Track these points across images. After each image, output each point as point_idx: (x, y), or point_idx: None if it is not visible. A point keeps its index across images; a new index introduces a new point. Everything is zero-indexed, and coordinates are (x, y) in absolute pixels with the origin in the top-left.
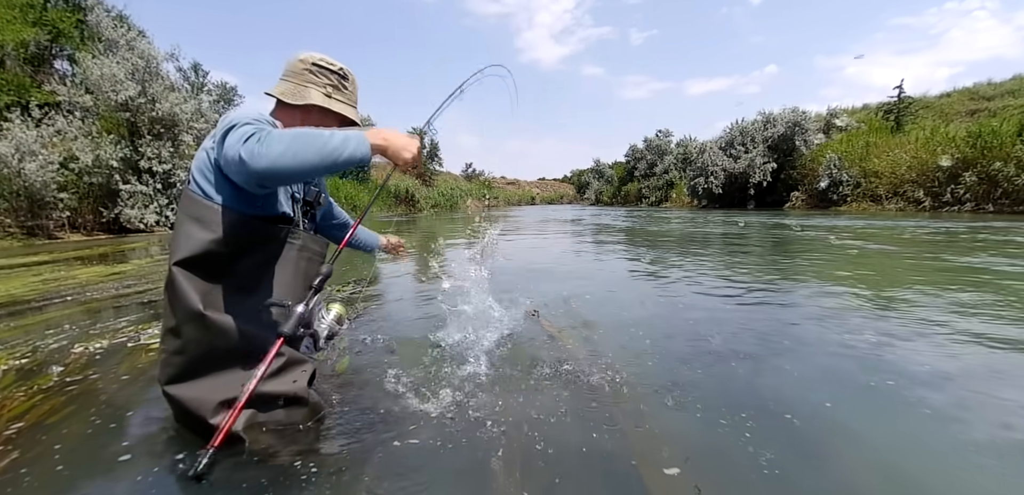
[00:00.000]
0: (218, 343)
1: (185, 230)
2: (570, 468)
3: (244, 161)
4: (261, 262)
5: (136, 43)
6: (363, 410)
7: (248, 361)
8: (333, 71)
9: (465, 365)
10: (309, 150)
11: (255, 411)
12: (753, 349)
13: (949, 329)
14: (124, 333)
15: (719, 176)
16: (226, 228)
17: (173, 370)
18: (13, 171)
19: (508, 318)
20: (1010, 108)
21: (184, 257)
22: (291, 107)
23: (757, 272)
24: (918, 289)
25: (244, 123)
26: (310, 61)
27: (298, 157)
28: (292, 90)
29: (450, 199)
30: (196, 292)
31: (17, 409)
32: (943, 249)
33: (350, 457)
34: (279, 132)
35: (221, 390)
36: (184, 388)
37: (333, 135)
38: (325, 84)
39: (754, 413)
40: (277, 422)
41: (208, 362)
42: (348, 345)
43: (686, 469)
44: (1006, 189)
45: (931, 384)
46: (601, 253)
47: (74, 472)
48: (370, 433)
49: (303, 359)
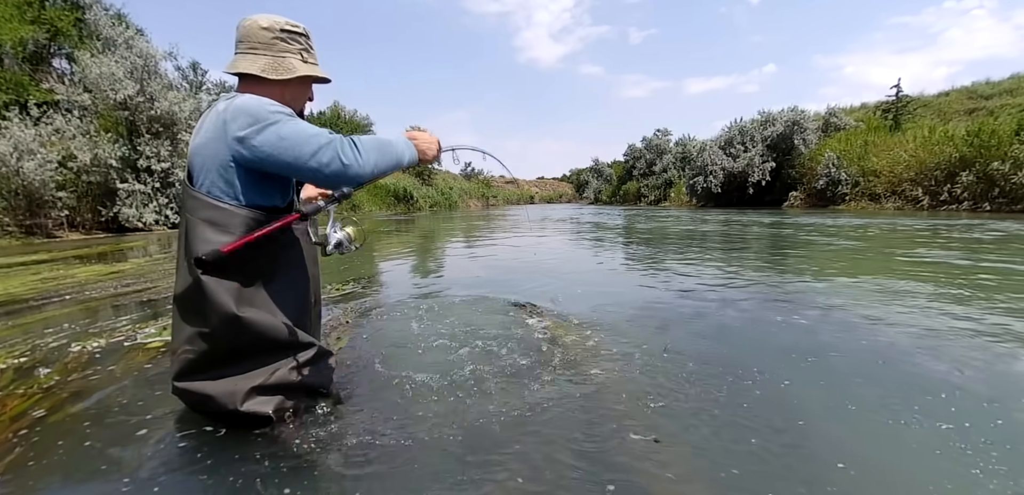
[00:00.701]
0: (248, 338)
1: (201, 234)
2: (567, 465)
3: (344, 171)
4: (278, 250)
5: (134, 42)
6: (374, 405)
7: (280, 351)
8: (300, 34)
9: (466, 363)
10: (389, 160)
11: (283, 397)
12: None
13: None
14: (122, 332)
15: (718, 175)
16: (245, 228)
17: (198, 366)
18: (11, 170)
19: (510, 314)
20: (1008, 107)
21: (206, 261)
22: (269, 82)
23: (718, 265)
24: (870, 278)
25: (290, 124)
26: (277, 27)
27: (380, 166)
28: (272, 64)
29: (449, 198)
30: (228, 294)
31: (16, 408)
32: (914, 245)
33: (351, 452)
34: (365, 143)
35: (253, 380)
36: (212, 385)
37: (397, 144)
38: (298, 49)
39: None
40: (300, 409)
41: (239, 356)
42: (350, 338)
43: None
44: (1003, 188)
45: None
46: (600, 249)
47: (72, 471)
48: (380, 427)
49: (328, 349)
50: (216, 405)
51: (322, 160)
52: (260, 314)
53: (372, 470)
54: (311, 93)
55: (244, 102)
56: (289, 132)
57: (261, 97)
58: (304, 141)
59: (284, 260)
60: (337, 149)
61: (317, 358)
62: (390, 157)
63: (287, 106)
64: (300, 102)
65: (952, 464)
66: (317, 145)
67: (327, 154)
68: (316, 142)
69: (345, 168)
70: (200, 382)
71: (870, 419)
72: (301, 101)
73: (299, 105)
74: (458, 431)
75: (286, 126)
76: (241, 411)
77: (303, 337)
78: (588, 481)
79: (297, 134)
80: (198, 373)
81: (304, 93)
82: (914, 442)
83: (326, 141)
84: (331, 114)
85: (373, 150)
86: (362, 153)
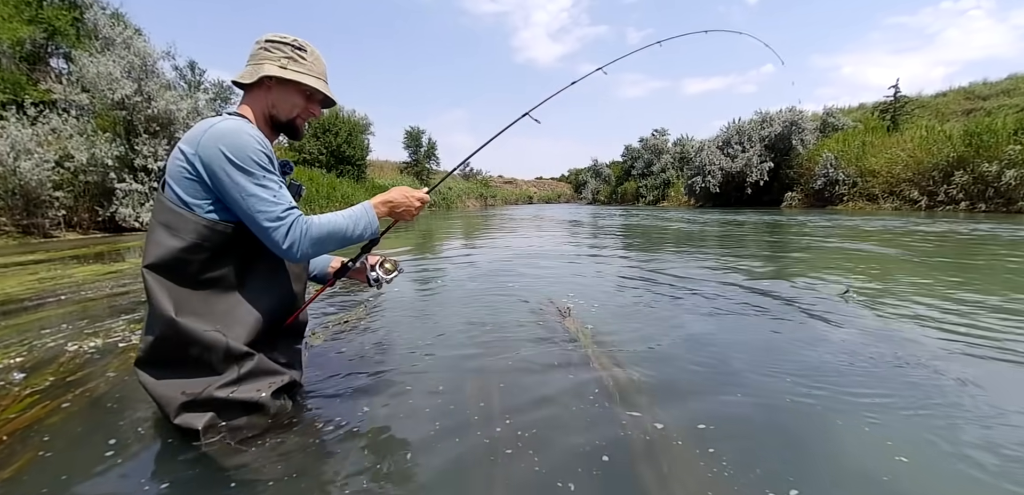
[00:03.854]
0: (189, 347)
1: (155, 236)
2: (561, 462)
3: (288, 253)
4: (236, 266)
5: (132, 41)
6: (343, 405)
7: (217, 365)
8: (286, 43)
9: (466, 362)
10: (334, 242)
11: (214, 414)
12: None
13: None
14: (118, 332)
15: (716, 175)
16: (198, 236)
17: (146, 357)
18: (8, 169)
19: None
20: (1005, 107)
21: (154, 262)
22: (254, 88)
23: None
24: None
25: (256, 181)
26: (264, 39)
27: (325, 247)
28: (249, 71)
29: (446, 199)
30: (168, 298)
31: (11, 409)
32: (886, 243)
33: (322, 459)
34: (316, 226)
35: (187, 390)
36: (155, 384)
37: (354, 225)
38: (279, 56)
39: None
40: (237, 428)
41: (178, 362)
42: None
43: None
44: (998, 188)
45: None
46: (599, 247)
47: (69, 471)
48: (347, 431)
49: (277, 370)
50: (158, 405)
51: (273, 238)
52: (200, 324)
53: (346, 473)
54: (315, 109)
55: (228, 127)
56: (252, 189)
57: (248, 130)
58: (259, 209)
59: (248, 273)
60: (286, 230)
61: (258, 375)
62: (334, 241)
63: (272, 111)
64: (286, 111)
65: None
66: (269, 219)
67: (273, 233)
68: (273, 215)
69: (285, 253)
70: (147, 376)
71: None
72: (289, 110)
73: (286, 113)
74: (451, 431)
75: (253, 182)
76: (173, 423)
77: (246, 352)
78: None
79: (256, 196)
80: (147, 365)
81: (289, 100)
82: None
83: (286, 224)
84: (330, 114)
85: (316, 240)
86: (306, 243)
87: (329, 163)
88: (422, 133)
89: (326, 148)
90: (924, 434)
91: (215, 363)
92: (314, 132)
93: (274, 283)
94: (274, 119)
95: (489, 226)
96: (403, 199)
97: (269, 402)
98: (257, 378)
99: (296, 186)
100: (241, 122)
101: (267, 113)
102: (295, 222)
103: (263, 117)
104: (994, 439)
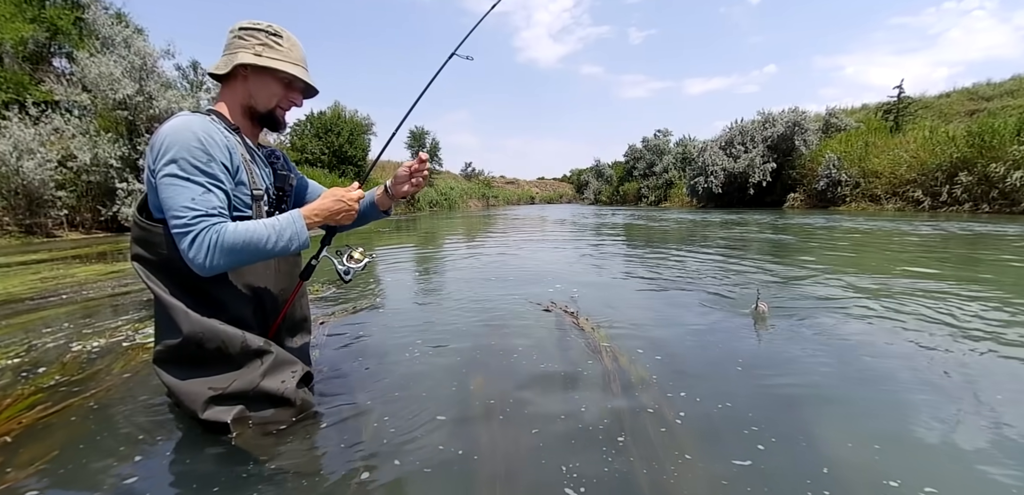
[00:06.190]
0: (205, 344)
1: (138, 249)
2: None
3: (194, 264)
4: None
5: (133, 41)
6: (352, 409)
7: (239, 359)
8: (260, 29)
9: (467, 360)
10: (251, 254)
11: (243, 407)
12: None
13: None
14: (121, 332)
15: (719, 176)
16: (171, 247)
17: (166, 356)
18: (11, 169)
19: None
20: (1009, 108)
21: (151, 269)
22: (230, 79)
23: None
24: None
25: (179, 183)
26: (237, 27)
27: (242, 259)
28: (223, 62)
29: (449, 199)
30: (174, 299)
31: (14, 408)
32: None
33: (337, 455)
34: (231, 236)
35: (211, 386)
36: (178, 383)
37: (277, 237)
38: (254, 43)
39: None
40: (265, 420)
41: (199, 361)
42: (322, 341)
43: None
44: (1002, 189)
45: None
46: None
47: (71, 471)
48: (359, 431)
49: (294, 361)
50: (182, 404)
51: (181, 246)
52: (211, 320)
53: (362, 471)
54: (295, 98)
55: (173, 123)
56: (168, 190)
57: (193, 125)
58: (170, 211)
59: (241, 270)
60: (188, 239)
61: (279, 366)
62: (251, 257)
63: (250, 102)
64: (264, 100)
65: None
66: (177, 225)
67: (184, 242)
68: (179, 225)
69: (191, 261)
70: (169, 376)
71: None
72: (267, 100)
73: (264, 103)
74: (457, 435)
75: (174, 182)
76: (201, 419)
77: (266, 346)
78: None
79: (170, 198)
80: (168, 364)
81: (267, 89)
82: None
83: (186, 224)
84: (331, 114)
85: (227, 256)
86: (215, 255)
87: (331, 163)
88: (426, 134)
89: (328, 148)
90: (945, 430)
91: (236, 357)
92: (316, 132)
93: (266, 275)
94: (253, 111)
95: (490, 226)
96: (338, 205)
97: (293, 394)
98: (279, 369)
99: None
100: (192, 117)
101: (245, 105)
102: (204, 231)
103: (241, 110)
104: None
